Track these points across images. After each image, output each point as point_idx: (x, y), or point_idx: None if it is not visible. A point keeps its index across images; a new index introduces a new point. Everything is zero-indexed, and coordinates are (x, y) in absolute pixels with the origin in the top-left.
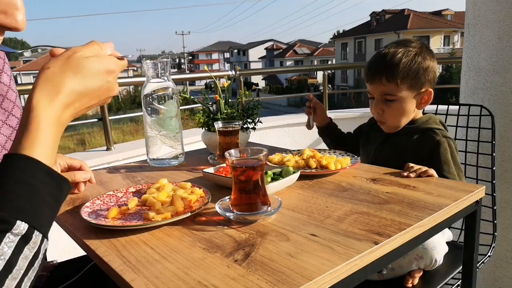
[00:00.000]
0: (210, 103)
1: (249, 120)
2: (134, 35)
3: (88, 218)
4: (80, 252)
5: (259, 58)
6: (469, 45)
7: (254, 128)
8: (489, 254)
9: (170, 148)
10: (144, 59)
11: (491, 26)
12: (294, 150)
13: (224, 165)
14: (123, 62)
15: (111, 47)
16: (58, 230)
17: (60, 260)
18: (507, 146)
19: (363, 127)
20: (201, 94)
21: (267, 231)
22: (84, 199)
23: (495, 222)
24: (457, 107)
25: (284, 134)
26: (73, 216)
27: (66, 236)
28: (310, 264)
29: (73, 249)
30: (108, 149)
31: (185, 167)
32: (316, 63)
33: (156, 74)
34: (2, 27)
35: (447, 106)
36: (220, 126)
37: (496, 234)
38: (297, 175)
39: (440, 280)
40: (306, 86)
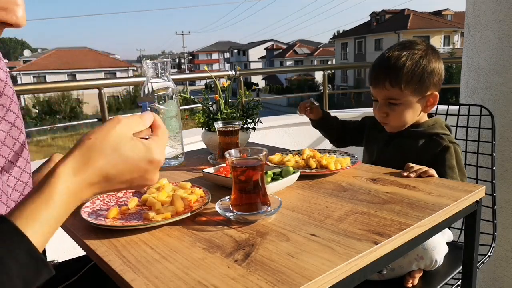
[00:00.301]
0: (210, 103)
1: (249, 120)
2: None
3: (88, 218)
4: (80, 252)
5: (259, 58)
6: (469, 45)
7: (254, 128)
8: (489, 254)
9: (170, 148)
10: (144, 59)
11: (491, 26)
12: (294, 150)
13: (224, 165)
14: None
15: (150, 119)
16: (58, 230)
17: (60, 260)
18: (507, 146)
19: (367, 122)
20: (201, 94)
21: (267, 231)
22: None
23: (495, 222)
24: (457, 107)
25: (284, 134)
26: (73, 216)
27: (66, 236)
28: (310, 264)
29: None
30: None
31: (185, 167)
32: (316, 63)
33: (156, 74)
34: (2, 23)
35: (447, 106)
36: (220, 126)
37: (496, 234)
38: (297, 175)
39: (440, 280)
40: (306, 86)
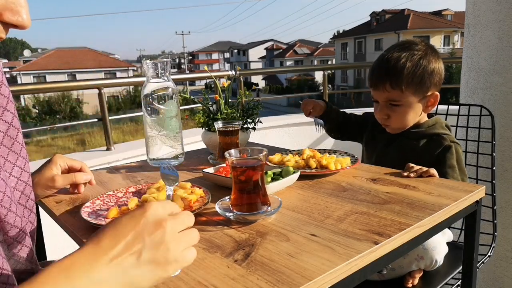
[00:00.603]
0: (210, 103)
1: (249, 120)
2: (134, 35)
3: (88, 218)
4: None
5: (259, 58)
6: (469, 45)
7: (254, 128)
8: (489, 254)
9: (170, 148)
10: (144, 59)
11: (491, 26)
12: (294, 150)
13: (224, 165)
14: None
15: (176, 208)
16: (58, 230)
17: None
18: (507, 146)
19: (369, 120)
20: (201, 94)
21: (267, 231)
22: (84, 199)
23: (495, 222)
24: (457, 107)
25: (284, 134)
26: (73, 216)
27: (66, 236)
28: (310, 264)
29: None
30: (108, 149)
31: (185, 167)
32: (316, 63)
33: (156, 74)
34: (8, 25)
35: (447, 106)
36: (220, 126)
37: (496, 234)
38: (297, 175)
39: (440, 280)
40: (306, 86)
